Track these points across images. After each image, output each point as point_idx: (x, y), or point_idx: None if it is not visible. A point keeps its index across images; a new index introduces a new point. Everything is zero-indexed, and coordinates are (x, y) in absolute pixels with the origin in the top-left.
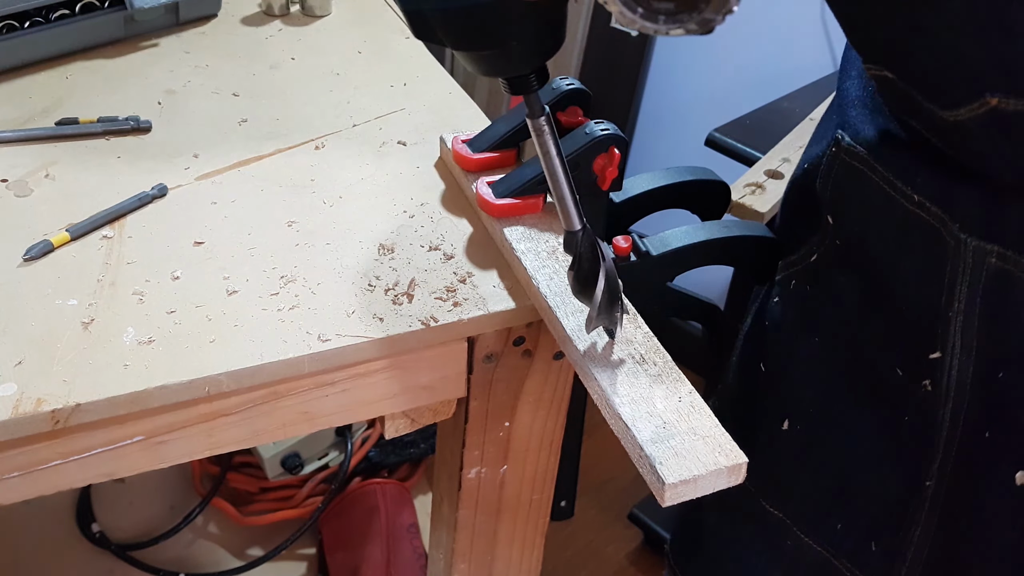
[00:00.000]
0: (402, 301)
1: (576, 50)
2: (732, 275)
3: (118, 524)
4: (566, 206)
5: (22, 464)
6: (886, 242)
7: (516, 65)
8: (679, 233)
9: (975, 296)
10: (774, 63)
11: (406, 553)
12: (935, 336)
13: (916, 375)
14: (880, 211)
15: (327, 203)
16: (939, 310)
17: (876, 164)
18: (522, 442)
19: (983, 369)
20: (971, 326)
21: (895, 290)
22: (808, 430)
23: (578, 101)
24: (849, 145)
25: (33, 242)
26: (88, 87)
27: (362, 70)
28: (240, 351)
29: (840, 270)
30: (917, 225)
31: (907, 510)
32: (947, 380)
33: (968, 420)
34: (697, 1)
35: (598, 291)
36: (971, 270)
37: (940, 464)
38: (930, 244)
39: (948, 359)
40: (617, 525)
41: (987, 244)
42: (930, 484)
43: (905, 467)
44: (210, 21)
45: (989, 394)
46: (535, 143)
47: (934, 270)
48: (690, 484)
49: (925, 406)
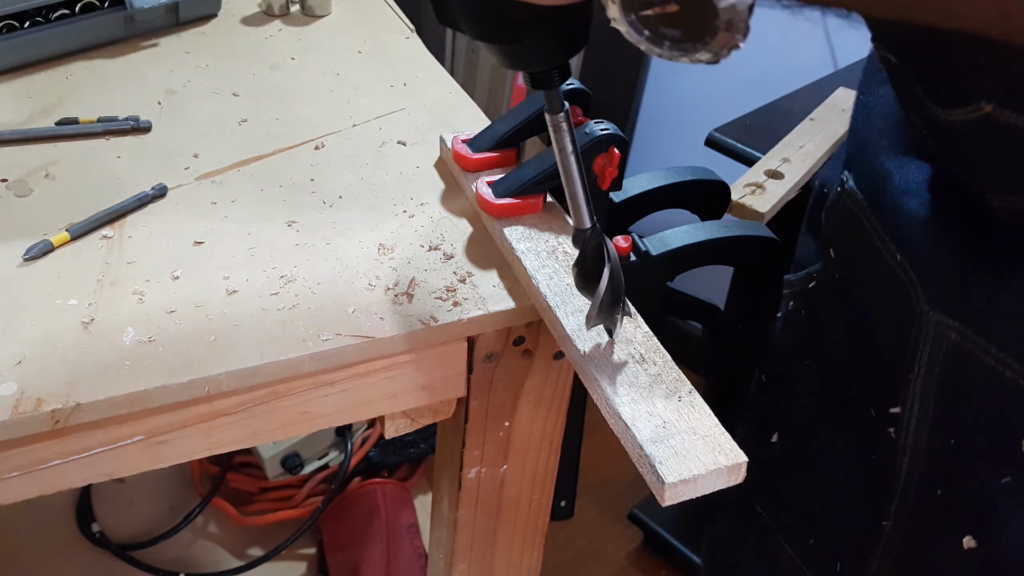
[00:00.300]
0: (402, 301)
1: None
2: (732, 275)
3: (118, 524)
4: (578, 204)
5: (22, 464)
6: (871, 291)
7: (538, 60)
8: (679, 233)
9: (934, 365)
10: (774, 63)
11: (406, 553)
12: (898, 392)
13: (884, 420)
14: (869, 260)
15: (327, 203)
16: (902, 370)
17: (872, 215)
18: (522, 442)
19: (937, 433)
20: (929, 391)
21: (872, 340)
22: (794, 447)
23: (578, 101)
24: (851, 190)
25: (33, 242)
26: (88, 87)
27: (362, 70)
28: (240, 351)
29: (833, 303)
30: (897, 284)
31: (868, 543)
32: (906, 435)
33: (922, 476)
34: (703, 34)
35: (600, 289)
36: (932, 340)
37: (897, 508)
38: (903, 305)
39: (907, 416)
40: (617, 525)
41: (949, 319)
42: (887, 524)
43: (869, 501)
44: (210, 21)
45: (941, 457)
46: (552, 138)
47: (903, 331)
48: (690, 484)
49: (888, 452)
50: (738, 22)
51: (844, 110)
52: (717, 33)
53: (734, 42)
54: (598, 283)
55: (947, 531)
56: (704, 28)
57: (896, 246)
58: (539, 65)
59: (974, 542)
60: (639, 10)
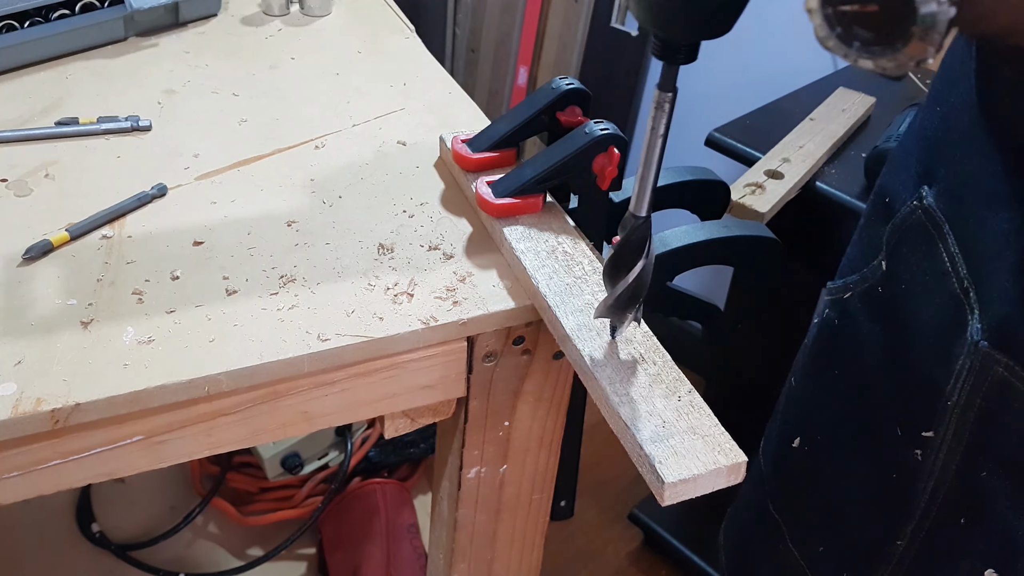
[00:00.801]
0: (402, 301)
1: (576, 50)
2: (732, 275)
3: (118, 524)
4: (645, 189)
5: (22, 464)
6: (923, 313)
7: (683, 28)
8: (679, 233)
9: (976, 396)
10: (774, 63)
11: (406, 553)
12: (933, 416)
13: (912, 442)
14: (932, 281)
15: (327, 203)
16: (942, 395)
17: (949, 234)
18: (522, 442)
19: (969, 462)
20: (966, 420)
21: (914, 359)
22: (812, 454)
23: (578, 101)
24: (930, 207)
25: (33, 242)
26: (88, 87)
27: (362, 70)
28: (240, 351)
29: (871, 318)
30: (956, 307)
31: (878, 559)
32: (934, 459)
33: (947, 501)
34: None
35: (627, 279)
36: (978, 372)
37: (914, 529)
38: (955, 331)
39: (939, 441)
40: (617, 525)
41: (999, 354)
42: (901, 543)
43: (883, 518)
44: (210, 21)
45: (970, 486)
46: (652, 115)
47: (949, 357)
48: (689, 483)
49: (913, 473)
50: (934, 33)
51: (844, 110)
52: (911, 41)
53: (925, 54)
54: (627, 274)
55: (965, 559)
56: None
57: (967, 270)
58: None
59: (995, 574)
60: (838, 4)
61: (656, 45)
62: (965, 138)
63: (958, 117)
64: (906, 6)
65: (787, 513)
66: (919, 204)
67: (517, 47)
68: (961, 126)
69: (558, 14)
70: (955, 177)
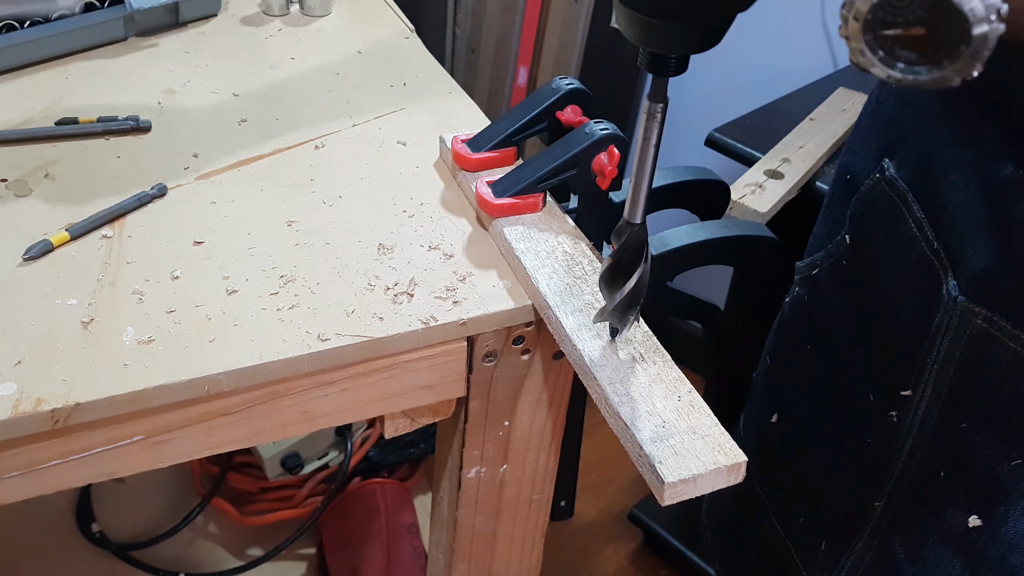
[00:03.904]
0: (402, 300)
1: (576, 50)
2: (732, 275)
3: (118, 524)
4: (639, 196)
5: (22, 464)
6: (894, 278)
7: (671, 42)
8: (679, 233)
9: (955, 350)
10: (774, 63)
11: (406, 553)
12: (910, 375)
13: (886, 405)
14: (902, 246)
15: (327, 203)
16: (920, 354)
17: (914, 202)
18: (522, 442)
19: (949, 416)
20: (946, 375)
21: (885, 325)
22: (790, 428)
23: (578, 101)
24: (892, 177)
25: (33, 242)
26: (88, 87)
27: (362, 70)
28: (240, 351)
29: (839, 290)
30: (928, 270)
31: (855, 523)
32: (912, 417)
33: (926, 457)
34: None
35: (627, 286)
36: (956, 327)
37: (892, 489)
38: (930, 291)
39: (917, 399)
40: (617, 525)
41: (977, 306)
42: (879, 504)
43: (860, 484)
44: (210, 21)
45: (950, 440)
46: (642, 125)
47: (925, 316)
48: (689, 483)
49: (888, 435)
50: (983, 50)
51: (844, 110)
52: (959, 59)
53: (972, 70)
54: (625, 281)
55: (947, 510)
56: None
57: (935, 233)
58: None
59: (979, 521)
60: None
61: (645, 58)
62: (924, 111)
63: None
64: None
65: (768, 488)
66: (882, 176)
67: (517, 47)
68: (919, 100)
69: (558, 14)
70: (917, 148)
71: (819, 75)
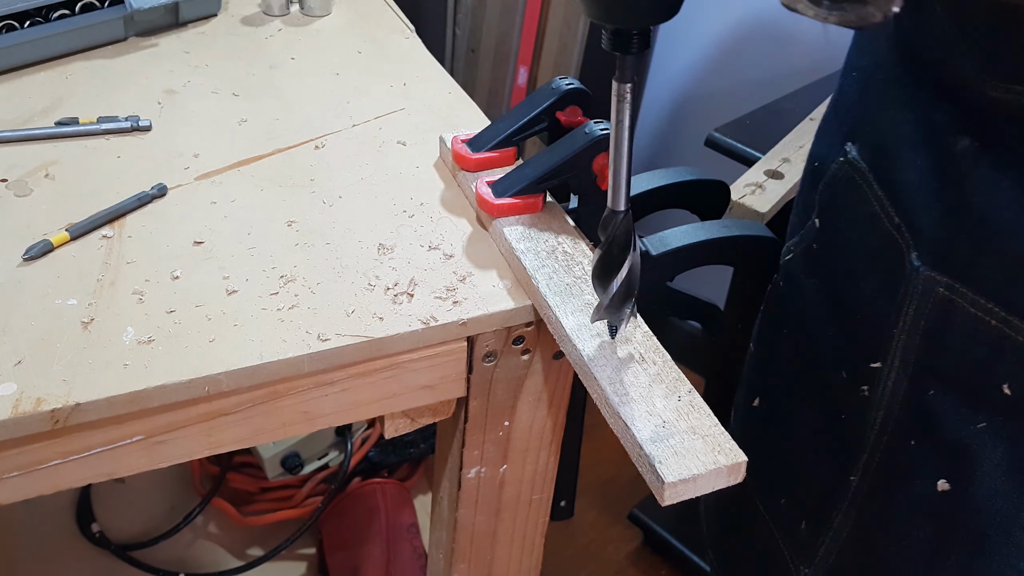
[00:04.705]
0: (402, 300)
1: (576, 50)
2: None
3: (118, 524)
4: (619, 182)
5: (22, 464)
6: (860, 256)
7: (629, 16)
8: (679, 233)
9: (920, 319)
10: (774, 63)
11: (406, 553)
12: (879, 348)
13: (857, 380)
14: (865, 225)
15: (327, 203)
16: (887, 325)
17: (873, 181)
18: (522, 442)
19: (916, 384)
20: (912, 345)
21: (853, 301)
22: (769, 412)
23: (578, 101)
24: (854, 159)
25: (33, 242)
26: (88, 87)
27: (362, 70)
28: (240, 351)
29: (810, 274)
30: (890, 246)
31: (833, 498)
32: (883, 389)
33: (897, 427)
34: None
35: (619, 277)
36: (920, 296)
37: (866, 462)
38: (894, 265)
39: (886, 371)
40: (617, 525)
41: (938, 275)
42: (854, 479)
43: (836, 459)
44: (210, 21)
45: (918, 408)
46: (613, 108)
47: (890, 289)
48: (689, 483)
49: (860, 408)
50: None
51: None
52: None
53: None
54: (617, 273)
55: (917, 477)
56: None
57: (894, 209)
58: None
59: (948, 485)
60: None
61: (608, 38)
62: (880, 94)
63: (872, 77)
64: None
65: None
66: (844, 160)
67: (517, 47)
68: (876, 85)
69: (558, 14)
70: (873, 129)
71: (819, 75)
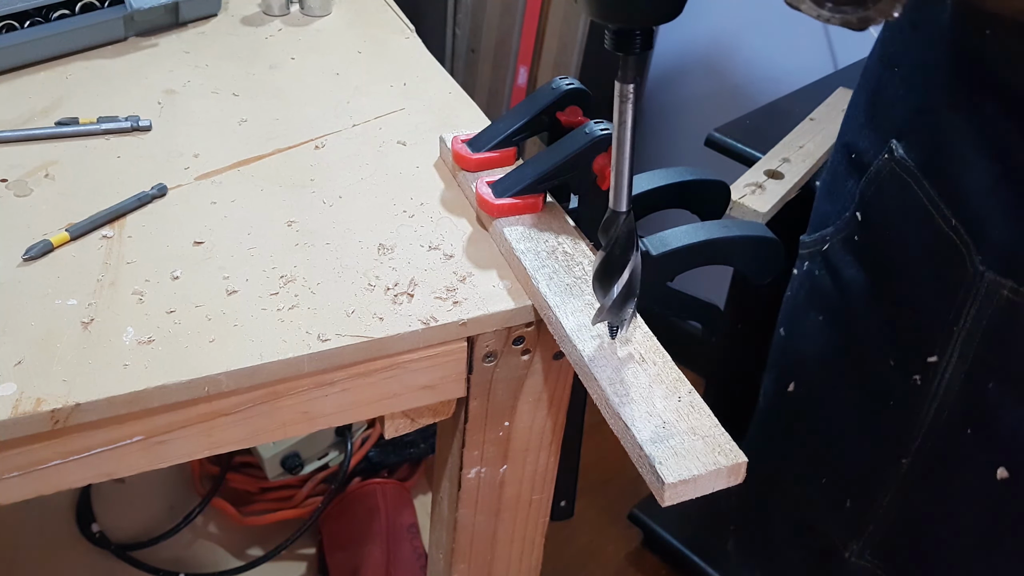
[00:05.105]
0: (402, 301)
1: (576, 50)
2: (732, 275)
3: (118, 524)
4: (621, 182)
5: (22, 464)
6: (912, 251)
7: (632, 15)
8: (679, 233)
9: (982, 319)
10: (774, 63)
11: (406, 553)
12: (935, 342)
13: (908, 370)
14: (916, 223)
15: (327, 203)
16: (944, 322)
17: (924, 181)
18: (522, 442)
19: (974, 379)
20: (972, 342)
21: (905, 294)
22: (806, 396)
23: (578, 101)
24: (901, 158)
25: (33, 242)
26: (88, 87)
27: (362, 70)
28: (240, 351)
29: (850, 262)
30: (947, 245)
31: (882, 480)
32: (939, 380)
33: (952, 416)
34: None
35: (622, 279)
36: (983, 298)
37: (918, 447)
38: (952, 265)
39: (943, 365)
40: (617, 525)
41: (1003, 279)
42: (905, 461)
43: (885, 443)
44: (210, 21)
45: (976, 400)
46: (616, 108)
47: (949, 288)
48: (689, 484)
49: (912, 397)
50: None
51: (844, 110)
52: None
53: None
54: (619, 274)
55: (973, 464)
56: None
57: (951, 211)
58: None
59: (1007, 473)
60: None
61: (611, 38)
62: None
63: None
64: None
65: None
66: (890, 157)
67: (517, 47)
68: (931, 84)
69: (558, 14)
70: (928, 132)
71: (819, 75)
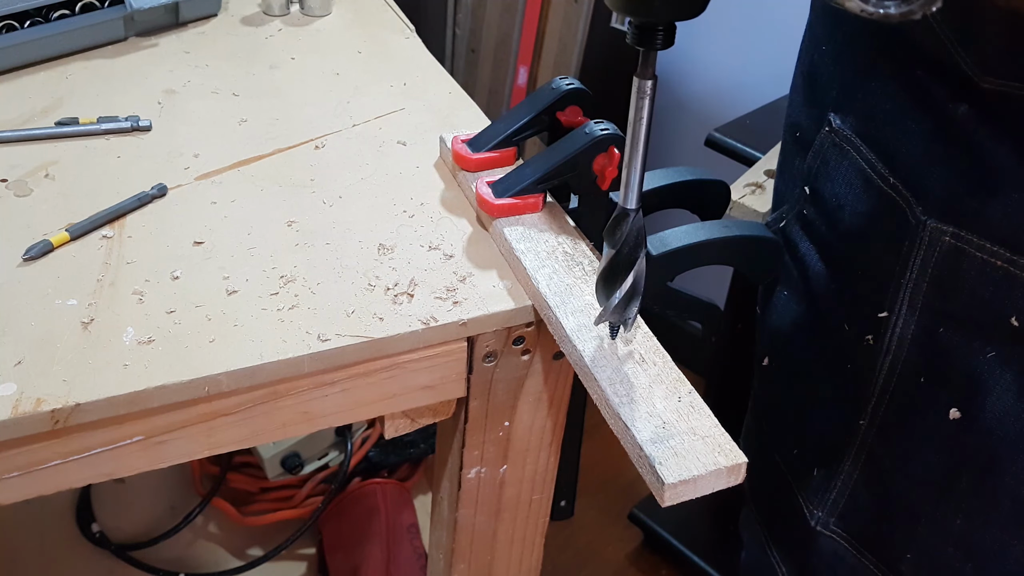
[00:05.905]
0: (402, 301)
1: (576, 50)
2: (732, 275)
3: (118, 524)
4: (632, 179)
5: (22, 464)
6: (856, 216)
7: (656, 10)
8: (679, 233)
9: (927, 266)
10: (774, 63)
11: (406, 553)
12: (884, 298)
13: (862, 330)
14: (858, 187)
15: (327, 203)
16: (892, 276)
17: (862, 147)
18: (522, 442)
19: (925, 326)
20: (919, 290)
21: (854, 259)
22: (778, 368)
23: (578, 101)
24: (839, 128)
25: (33, 242)
26: (88, 87)
27: (362, 70)
28: (240, 351)
29: (806, 236)
30: (888, 203)
31: (842, 444)
32: (890, 335)
33: (905, 368)
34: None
35: (628, 279)
36: (927, 246)
37: (875, 405)
38: (895, 222)
39: (894, 318)
40: (617, 525)
41: (944, 225)
42: (863, 423)
43: (846, 407)
44: (210, 21)
45: (927, 347)
46: (632, 103)
47: (894, 243)
48: (690, 484)
49: (865, 359)
50: None
51: None
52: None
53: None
54: (626, 275)
55: (928, 411)
56: None
57: (889, 171)
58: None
59: (959, 412)
60: None
61: (633, 33)
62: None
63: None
64: None
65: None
66: (830, 130)
67: (517, 47)
68: (856, 57)
69: (558, 14)
70: (859, 98)
71: None
